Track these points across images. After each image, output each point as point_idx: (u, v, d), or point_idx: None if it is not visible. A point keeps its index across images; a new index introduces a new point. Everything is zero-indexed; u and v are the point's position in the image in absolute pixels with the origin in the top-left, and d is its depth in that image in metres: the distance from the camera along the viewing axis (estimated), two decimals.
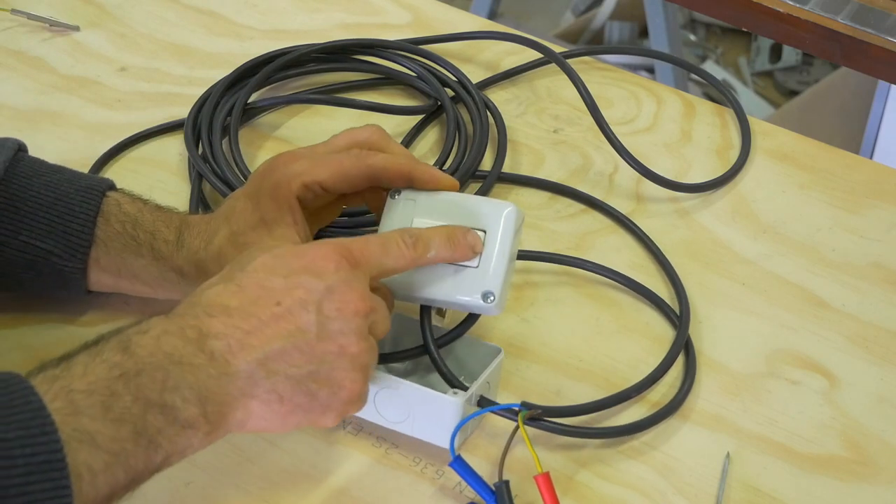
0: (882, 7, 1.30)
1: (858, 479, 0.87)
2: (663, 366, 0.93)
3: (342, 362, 0.77)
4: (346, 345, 0.77)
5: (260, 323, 0.76)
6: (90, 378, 0.71)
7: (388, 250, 0.82)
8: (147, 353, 0.73)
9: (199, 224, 0.92)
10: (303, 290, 0.77)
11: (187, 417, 0.73)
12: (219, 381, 0.74)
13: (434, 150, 1.13)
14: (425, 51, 1.20)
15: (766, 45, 2.65)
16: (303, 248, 0.80)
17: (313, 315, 0.76)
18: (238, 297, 0.77)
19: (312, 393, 0.76)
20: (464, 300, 0.86)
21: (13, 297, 0.95)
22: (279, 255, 0.79)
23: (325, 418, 0.78)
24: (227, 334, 0.75)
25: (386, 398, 0.84)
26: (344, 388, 0.77)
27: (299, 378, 0.76)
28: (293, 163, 0.90)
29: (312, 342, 0.76)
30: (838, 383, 0.94)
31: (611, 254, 1.03)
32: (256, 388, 0.75)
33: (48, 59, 1.21)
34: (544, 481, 0.80)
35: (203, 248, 0.90)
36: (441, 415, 0.83)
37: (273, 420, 0.77)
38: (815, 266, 1.03)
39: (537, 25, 2.74)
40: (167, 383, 0.73)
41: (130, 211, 0.92)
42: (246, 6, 1.30)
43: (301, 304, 0.76)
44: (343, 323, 0.77)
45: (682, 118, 1.18)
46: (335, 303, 0.77)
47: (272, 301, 0.76)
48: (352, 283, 0.78)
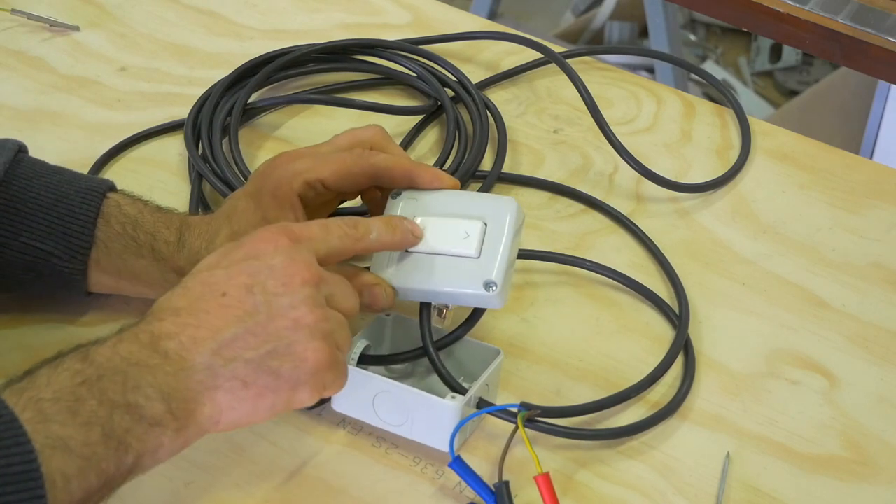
0: (882, 7, 1.30)
1: (858, 479, 0.87)
2: (663, 366, 0.93)
3: (299, 335, 0.76)
4: (299, 317, 0.77)
5: (208, 316, 0.76)
6: (55, 387, 0.72)
7: (330, 229, 0.82)
8: (105, 359, 0.74)
9: (200, 224, 0.92)
10: (245, 276, 0.77)
11: (153, 414, 0.74)
12: (177, 378, 0.75)
13: (434, 150, 1.13)
14: (425, 51, 1.20)
15: (766, 45, 2.65)
16: (243, 239, 0.80)
17: (260, 296, 0.77)
18: (184, 297, 0.77)
19: (275, 371, 0.76)
20: (465, 291, 0.86)
21: (13, 297, 0.95)
22: (221, 252, 0.80)
23: (299, 394, 0.77)
24: (177, 333, 0.76)
25: (384, 402, 0.84)
26: (307, 359, 0.77)
27: (258, 359, 0.76)
28: (295, 161, 0.90)
29: (264, 322, 0.76)
30: (838, 383, 0.94)
31: (611, 254, 1.03)
32: (217, 379, 0.75)
33: (48, 59, 1.21)
34: (544, 482, 0.80)
35: (205, 248, 0.90)
36: (439, 419, 0.83)
37: (244, 407, 0.76)
38: (815, 266, 1.03)
39: (537, 25, 2.74)
40: (128, 384, 0.73)
41: (131, 212, 0.93)
42: (246, 6, 1.30)
43: (246, 288, 0.77)
44: (291, 297, 0.77)
45: (682, 118, 1.18)
46: (280, 279, 0.77)
47: (217, 293, 0.77)
48: (294, 256, 0.78)
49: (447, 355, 0.89)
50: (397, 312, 0.91)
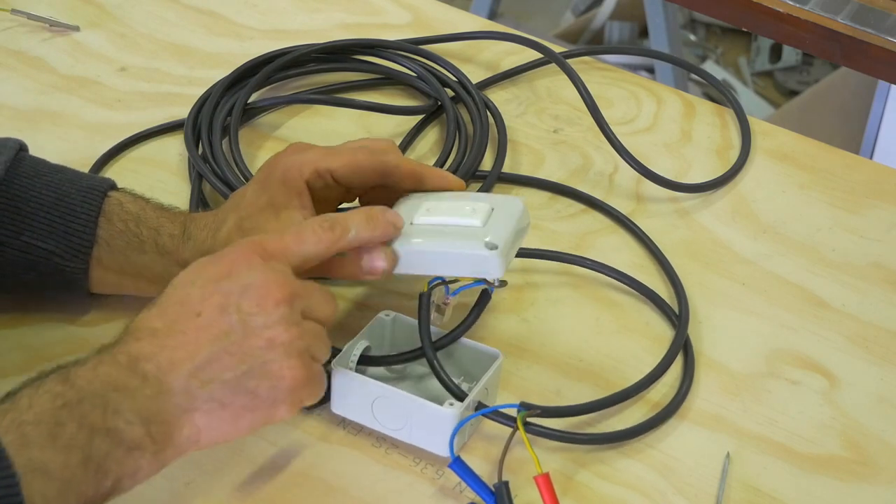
0: (882, 7, 1.30)
1: (858, 479, 0.87)
2: (662, 366, 0.93)
3: (274, 354, 0.77)
4: (274, 336, 0.77)
5: (185, 337, 0.76)
6: (36, 409, 0.72)
7: (304, 238, 0.82)
8: (86, 381, 0.74)
9: (206, 217, 0.93)
10: (219, 295, 0.77)
11: (133, 438, 0.74)
12: (156, 401, 0.75)
13: (434, 150, 1.13)
14: (425, 51, 1.20)
15: (766, 45, 2.65)
16: (217, 255, 0.80)
17: (234, 315, 0.77)
18: (161, 317, 0.77)
19: (252, 391, 0.76)
20: (466, 251, 0.85)
21: (14, 297, 0.95)
22: (195, 268, 0.80)
23: (277, 412, 0.78)
24: (155, 353, 0.76)
25: (383, 406, 0.84)
26: (283, 378, 0.77)
27: (235, 380, 0.76)
28: (307, 150, 0.91)
29: (239, 342, 0.76)
30: (838, 383, 0.94)
31: (611, 254, 1.03)
32: (195, 401, 0.76)
33: (48, 59, 1.21)
34: (544, 482, 0.80)
35: (211, 238, 0.90)
36: (437, 425, 0.83)
37: (223, 427, 0.77)
38: (815, 266, 1.03)
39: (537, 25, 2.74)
40: (108, 408, 0.73)
41: (132, 209, 0.93)
42: (246, 6, 1.30)
43: (220, 308, 0.77)
44: (265, 316, 0.77)
45: (682, 118, 1.18)
46: (253, 298, 0.77)
47: (192, 313, 0.77)
48: (268, 274, 0.78)
49: (447, 356, 0.88)
50: (397, 313, 0.91)
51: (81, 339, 0.94)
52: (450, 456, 0.82)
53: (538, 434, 0.86)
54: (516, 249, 0.89)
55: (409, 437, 0.85)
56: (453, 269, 0.87)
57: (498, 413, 0.85)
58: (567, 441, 0.87)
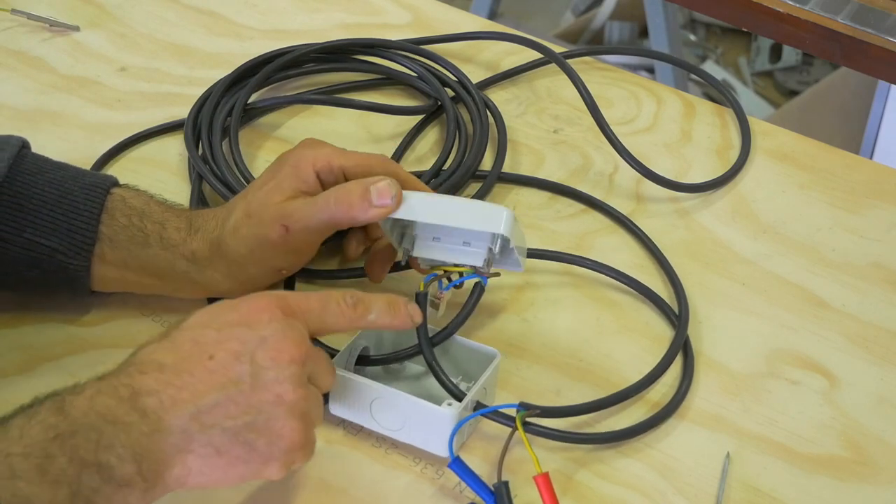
0: (882, 7, 1.30)
1: (858, 479, 0.87)
2: (661, 366, 0.93)
3: (279, 411, 0.76)
4: (282, 393, 0.76)
5: (192, 378, 0.75)
6: (26, 441, 0.71)
7: (328, 307, 0.82)
8: (81, 413, 0.73)
9: (214, 210, 0.94)
10: (236, 342, 0.77)
11: (123, 475, 0.73)
12: (152, 439, 0.74)
13: (434, 150, 1.13)
14: (425, 51, 1.20)
15: (766, 45, 2.65)
16: (237, 301, 0.80)
17: (247, 366, 0.76)
18: (171, 353, 0.77)
19: (250, 444, 0.76)
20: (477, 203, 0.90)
21: (14, 296, 0.95)
22: (214, 310, 0.79)
23: (268, 469, 0.77)
24: (158, 390, 0.75)
25: (382, 407, 0.85)
26: (283, 437, 0.76)
27: (236, 430, 0.75)
28: (322, 146, 0.93)
29: (247, 392, 0.76)
30: (838, 383, 0.94)
31: (611, 254, 1.03)
32: (192, 443, 0.75)
33: (48, 59, 1.21)
34: (544, 482, 0.80)
35: (220, 227, 0.91)
36: (436, 425, 0.83)
37: (213, 474, 0.76)
38: (815, 266, 1.03)
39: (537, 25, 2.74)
40: (101, 442, 0.72)
41: (136, 204, 0.93)
42: (246, 6, 1.30)
43: (234, 355, 0.76)
44: (278, 371, 0.76)
45: (682, 118, 1.18)
46: (269, 352, 0.77)
47: (205, 355, 0.76)
48: (286, 331, 0.78)
49: (445, 356, 0.88)
50: None
51: (81, 339, 0.94)
52: (449, 456, 0.82)
53: (537, 434, 0.86)
54: (522, 241, 0.90)
55: (408, 437, 0.85)
56: (460, 219, 0.87)
57: (497, 413, 0.85)
58: (566, 441, 0.87)
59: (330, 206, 0.89)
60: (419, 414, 0.84)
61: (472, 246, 0.89)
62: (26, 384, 0.82)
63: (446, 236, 0.90)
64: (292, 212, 0.89)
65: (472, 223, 0.88)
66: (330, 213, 0.89)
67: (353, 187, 0.89)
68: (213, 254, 0.91)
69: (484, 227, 0.88)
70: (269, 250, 0.90)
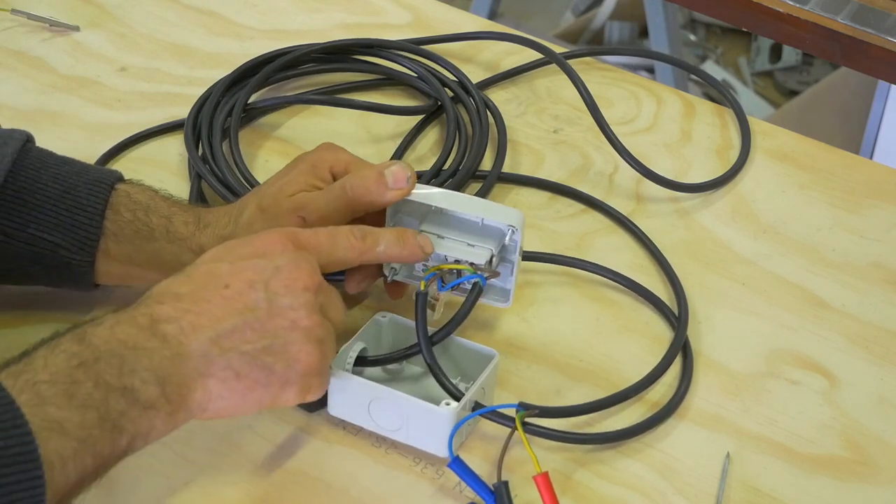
0: (882, 7, 1.30)
1: (858, 479, 0.87)
2: (662, 366, 0.93)
3: (295, 335, 0.78)
4: (297, 319, 0.78)
5: (209, 305, 0.77)
6: (51, 369, 0.72)
7: (337, 240, 0.84)
8: (102, 341, 0.74)
9: (225, 207, 0.94)
10: (250, 272, 0.79)
11: (148, 398, 0.74)
12: (173, 362, 0.76)
13: (434, 150, 1.13)
14: (425, 51, 1.20)
15: (766, 45, 2.65)
16: (250, 237, 0.82)
17: (262, 293, 0.78)
18: (187, 284, 0.79)
19: (268, 367, 0.78)
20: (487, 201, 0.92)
21: (15, 295, 0.95)
22: (227, 246, 0.82)
23: (286, 393, 0.79)
24: (177, 317, 0.77)
25: (380, 408, 0.85)
26: (299, 360, 0.78)
27: (254, 353, 0.77)
28: (341, 151, 0.94)
29: (263, 318, 0.78)
30: (838, 383, 0.94)
31: (611, 254, 1.03)
32: (212, 367, 0.76)
33: (48, 59, 1.21)
34: (543, 481, 0.80)
35: (232, 223, 0.91)
36: (434, 425, 0.83)
37: (233, 398, 0.77)
38: (815, 266, 1.03)
39: (537, 25, 2.74)
40: (124, 368, 0.74)
41: (141, 199, 0.93)
42: (246, 6, 1.30)
43: (249, 283, 0.78)
44: (292, 298, 0.78)
45: (682, 118, 1.18)
46: (283, 280, 0.79)
47: (220, 284, 0.78)
48: (299, 262, 0.80)
49: (444, 356, 0.88)
50: (393, 315, 0.91)
51: None
52: (449, 453, 0.82)
53: (537, 434, 0.86)
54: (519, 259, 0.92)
55: (407, 437, 0.85)
56: (475, 209, 0.90)
57: (496, 413, 0.85)
58: (565, 441, 0.87)
59: (346, 192, 0.90)
60: (417, 414, 0.84)
61: (476, 247, 0.90)
62: None
63: (452, 234, 0.90)
64: (307, 202, 0.90)
65: (486, 213, 0.90)
66: (346, 199, 0.90)
67: (367, 172, 0.90)
68: None
69: (497, 218, 0.90)
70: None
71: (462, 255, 0.90)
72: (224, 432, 0.87)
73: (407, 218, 0.93)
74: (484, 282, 0.89)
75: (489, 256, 0.89)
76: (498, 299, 0.93)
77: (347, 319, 0.93)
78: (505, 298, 0.93)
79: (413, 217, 0.92)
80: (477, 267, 0.89)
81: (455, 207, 0.91)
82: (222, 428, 0.88)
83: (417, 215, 0.92)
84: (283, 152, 1.12)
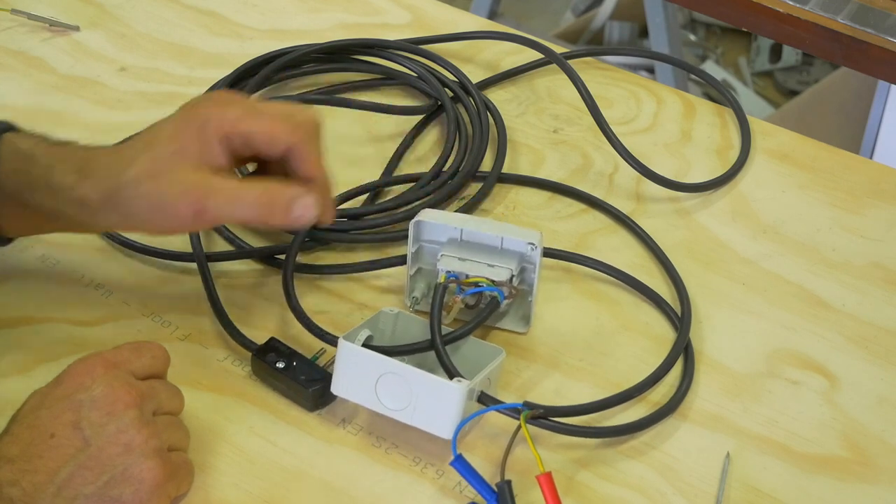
0: (882, 7, 1.30)
1: (858, 479, 0.87)
2: (665, 366, 0.93)
3: (131, 458, 0.77)
4: (128, 441, 0.77)
5: (43, 460, 0.76)
6: None
7: (141, 351, 0.83)
8: None
9: (109, 155, 0.89)
10: (69, 413, 0.78)
11: None
12: None
13: (434, 150, 1.13)
14: (425, 51, 1.20)
15: (766, 45, 2.65)
16: (58, 378, 0.81)
17: (87, 430, 0.77)
18: (15, 445, 0.77)
19: (116, 499, 0.77)
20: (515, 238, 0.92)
21: (14, 296, 0.95)
22: (39, 394, 0.80)
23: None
24: (17, 480, 0.76)
25: (388, 384, 0.84)
26: (144, 480, 0.77)
27: (98, 491, 0.77)
28: (229, 106, 0.88)
29: (95, 454, 0.77)
30: (838, 383, 0.94)
31: (611, 253, 1.03)
32: None
33: (48, 59, 1.21)
34: (546, 481, 0.80)
35: (115, 178, 0.86)
36: (443, 402, 0.83)
37: None
38: (815, 266, 1.03)
39: (537, 25, 2.75)
40: None
41: (24, 147, 0.89)
42: (246, 6, 1.30)
43: (72, 425, 0.77)
44: (117, 422, 0.78)
45: (682, 118, 1.18)
46: (102, 408, 0.78)
47: (46, 435, 0.77)
48: (112, 383, 0.79)
49: (450, 353, 0.88)
50: (401, 310, 0.91)
51: (81, 338, 0.94)
52: (453, 451, 0.82)
53: (547, 429, 0.86)
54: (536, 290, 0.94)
55: (412, 417, 0.84)
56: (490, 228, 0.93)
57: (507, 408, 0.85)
58: (572, 435, 0.87)
59: (253, 207, 0.86)
60: (426, 389, 0.83)
61: (496, 267, 0.92)
62: (26, 384, 0.82)
63: (473, 256, 0.92)
64: (213, 193, 0.85)
65: (504, 233, 0.92)
66: (249, 214, 0.86)
67: (279, 195, 0.86)
68: (105, 203, 0.86)
69: (516, 237, 0.92)
70: (173, 219, 0.86)
71: (483, 273, 0.92)
72: (224, 432, 0.88)
73: (427, 245, 0.94)
74: (502, 296, 0.90)
75: (509, 276, 0.91)
76: (516, 325, 0.95)
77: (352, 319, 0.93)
78: (524, 324, 0.95)
79: (433, 244, 0.94)
80: (497, 283, 0.90)
81: (474, 230, 0.93)
82: (222, 428, 0.88)
83: (438, 241, 0.94)
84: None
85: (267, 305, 0.97)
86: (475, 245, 0.93)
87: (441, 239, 0.94)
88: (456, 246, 0.93)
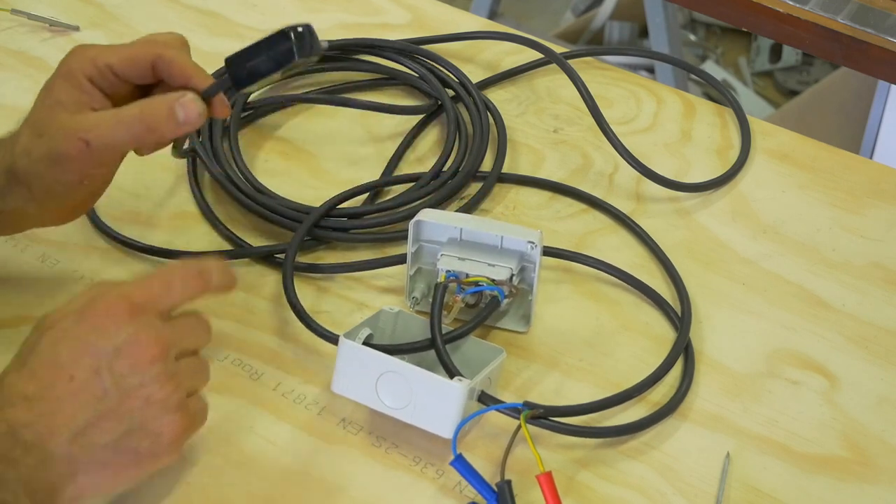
0: (882, 7, 1.30)
1: (858, 479, 0.87)
2: (665, 366, 0.93)
3: (152, 411, 0.77)
4: (149, 395, 0.76)
5: (60, 402, 0.75)
6: None
7: (172, 286, 0.81)
8: None
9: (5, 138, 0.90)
10: (90, 357, 0.76)
11: None
12: (39, 470, 0.74)
13: (434, 150, 1.13)
14: (426, 51, 1.20)
15: (766, 45, 2.65)
16: (81, 311, 0.78)
17: (108, 379, 0.76)
18: (33, 382, 0.76)
19: (133, 449, 0.76)
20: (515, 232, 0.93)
21: (14, 296, 0.95)
22: (62, 325, 0.78)
23: (161, 461, 0.78)
24: (33, 422, 0.75)
25: (388, 383, 0.84)
26: (163, 433, 0.77)
27: (115, 442, 0.76)
28: (87, 49, 0.89)
29: (114, 405, 0.76)
30: (838, 383, 0.94)
31: (611, 253, 1.03)
32: (77, 465, 0.75)
33: (48, 59, 1.21)
34: (546, 481, 0.80)
35: (10, 154, 0.88)
36: (443, 402, 0.83)
37: (106, 483, 0.77)
38: (815, 266, 1.03)
39: (537, 25, 2.75)
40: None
41: None
42: (246, 6, 1.30)
43: (93, 371, 0.76)
44: (140, 376, 0.76)
45: (682, 118, 1.18)
46: (125, 360, 0.76)
47: (65, 377, 0.76)
48: (138, 335, 0.77)
49: (451, 352, 0.89)
50: (401, 309, 0.91)
51: None
52: (453, 449, 0.82)
53: (548, 428, 0.86)
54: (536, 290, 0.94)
55: (412, 416, 0.84)
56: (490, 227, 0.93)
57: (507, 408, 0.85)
58: (573, 434, 0.87)
59: (135, 124, 0.86)
60: (426, 388, 0.83)
61: (497, 266, 0.92)
62: None
63: (472, 256, 0.92)
64: (92, 126, 0.86)
65: (504, 232, 0.93)
66: (134, 132, 0.86)
67: (158, 105, 0.86)
68: (8, 183, 0.88)
69: (516, 236, 0.92)
70: (68, 165, 0.86)
71: (483, 272, 0.92)
72: (224, 432, 0.88)
73: (427, 245, 0.94)
74: (502, 295, 0.90)
75: (509, 275, 0.91)
76: (517, 324, 0.95)
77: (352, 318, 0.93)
78: (524, 323, 0.95)
79: (433, 243, 0.95)
80: (497, 282, 0.90)
81: (474, 229, 0.93)
82: (222, 428, 0.88)
83: (438, 241, 0.94)
84: (283, 152, 1.12)
85: (267, 305, 0.97)
86: (475, 244, 0.93)
87: (441, 238, 0.94)
88: (456, 245, 0.93)
